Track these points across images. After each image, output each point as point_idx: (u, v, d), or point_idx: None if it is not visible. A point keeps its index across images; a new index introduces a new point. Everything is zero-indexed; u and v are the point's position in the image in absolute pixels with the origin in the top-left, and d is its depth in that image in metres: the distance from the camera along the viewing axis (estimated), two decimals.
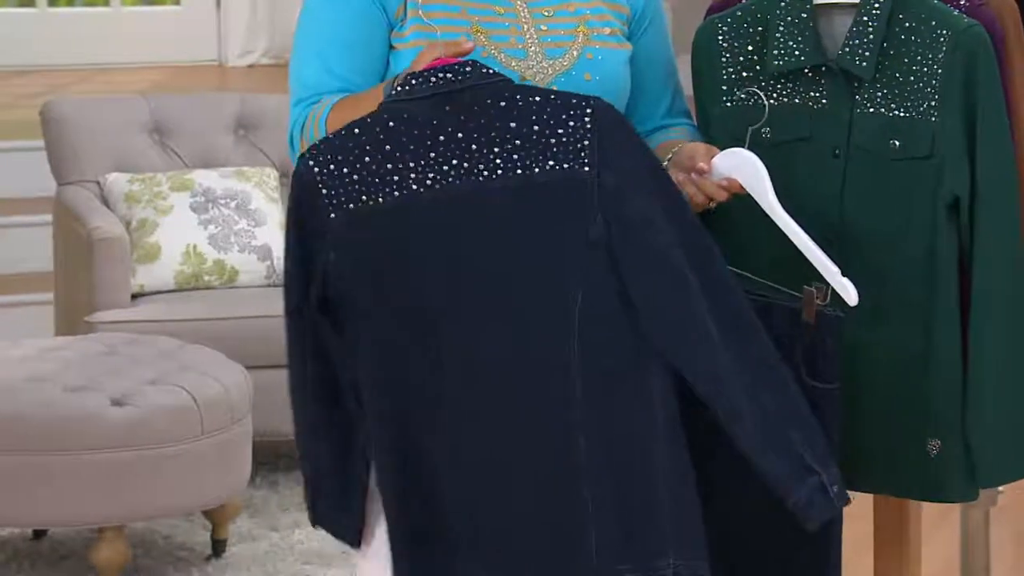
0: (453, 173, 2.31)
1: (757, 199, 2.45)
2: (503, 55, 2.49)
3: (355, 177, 2.30)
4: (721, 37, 2.61)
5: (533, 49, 2.51)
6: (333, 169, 2.30)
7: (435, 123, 2.31)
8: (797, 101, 2.58)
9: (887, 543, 2.88)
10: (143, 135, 5.10)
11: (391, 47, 2.51)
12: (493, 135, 2.31)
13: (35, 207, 5.70)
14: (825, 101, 2.56)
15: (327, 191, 2.30)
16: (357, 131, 2.32)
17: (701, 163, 2.45)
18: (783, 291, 2.45)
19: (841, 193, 2.55)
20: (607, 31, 2.56)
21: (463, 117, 2.31)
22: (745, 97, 2.59)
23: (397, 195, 2.30)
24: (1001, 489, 3.10)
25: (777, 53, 2.56)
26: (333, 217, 2.30)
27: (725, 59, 2.61)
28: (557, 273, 2.29)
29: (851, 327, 2.45)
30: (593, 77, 2.52)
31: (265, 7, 8.10)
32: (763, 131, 2.56)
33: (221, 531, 4.14)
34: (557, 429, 2.28)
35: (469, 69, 2.33)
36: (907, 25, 2.53)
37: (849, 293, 2.42)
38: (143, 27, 8.19)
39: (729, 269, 2.43)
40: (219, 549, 4.14)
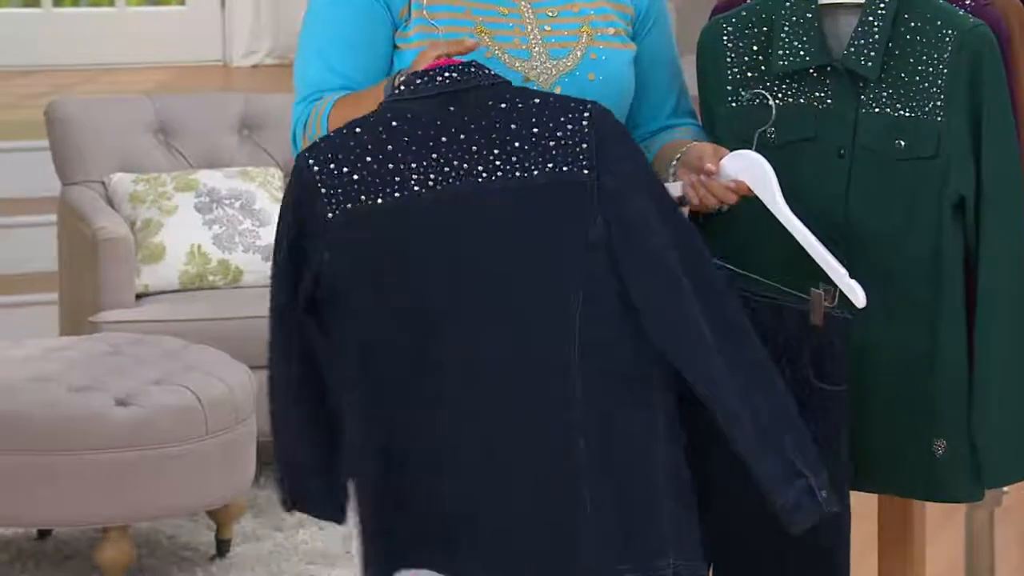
0: (454, 175, 2.30)
1: (765, 201, 2.45)
2: (507, 56, 2.49)
3: (355, 177, 2.29)
4: (726, 37, 2.61)
5: (537, 50, 2.51)
6: (333, 168, 2.29)
7: (439, 124, 2.30)
8: (802, 101, 2.58)
9: (891, 543, 2.88)
10: (148, 135, 5.10)
11: (395, 47, 2.51)
12: (494, 137, 2.30)
13: (40, 207, 5.69)
14: (830, 101, 2.56)
15: (326, 190, 2.29)
16: (359, 130, 2.31)
17: (709, 164, 2.45)
18: (791, 293, 2.45)
19: (846, 193, 2.55)
20: (611, 31, 2.56)
21: (466, 118, 2.31)
22: (751, 98, 2.59)
23: (398, 196, 2.29)
24: (1006, 490, 3.09)
25: (782, 53, 2.56)
26: (331, 217, 2.29)
27: (730, 59, 2.61)
28: (557, 274, 2.29)
29: (856, 327, 2.45)
30: (597, 77, 2.51)
31: (269, 7, 8.10)
32: (768, 131, 2.56)
33: (225, 531, 4.14)
34: (557, 429, 2.28)
35: (473, 69, 2.33)
36: (912, 25, 2.52)
37: (857, 295, 2.42)
38: (148, 27, 8.20)
39: (735, 270, 2.43)
40: (223, 549, 4.14)
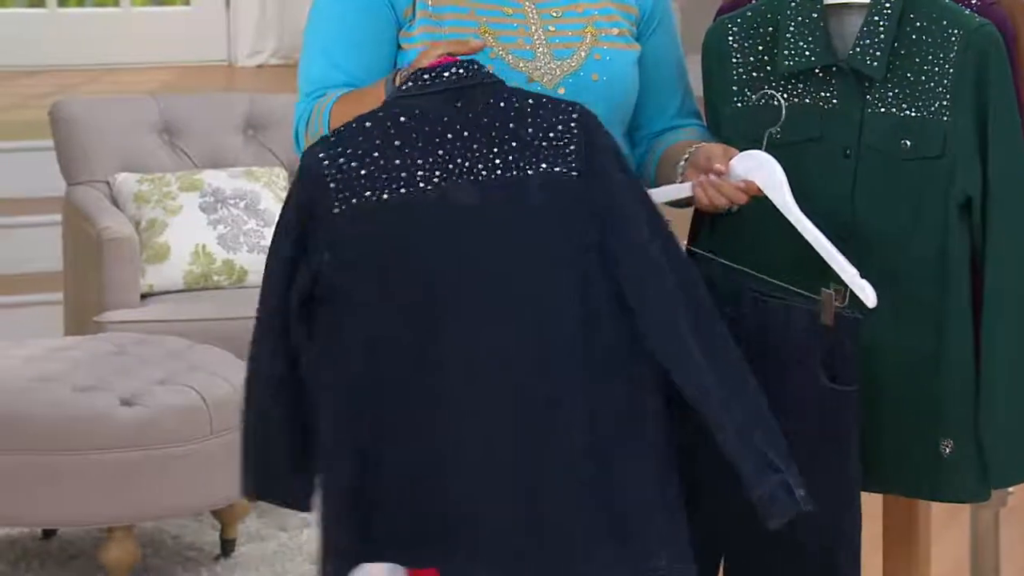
0: (457, 172, 2.30)
1: (774, 201, 2.45)
2: (511, 56, 2.48)
3: (362, 172, 2.29)
4: (731, 38, 2.61)
5: (541, 50, 2.50)
6: (342, 163, 2.28)
7: (445, 120, 2.30)
8: (808, 101, 2.57)
9: (896, 543, 2.88)
10: (152, 135, 5.10)
11: (399, 46, 2.51)
12: (493, 135, 2.31)
13: (44, 207, 5.69)
14: (836, 101, 2.56)
15: (335, 185, 2.28)
16: (368, 124, 2.30)
17: (719, 165, 2.44)
18: (800, 293, 2.44)
19: (852, 193, 2.55)
20: (615, 32, 2.55)
21: (470, 115, 2.31)
22: (758, 98, 2.58)
23: (403, 192, 2.29)
24: (1011, 490, 3.08)
25: (788, 53, 2.55)
26: (337, 212, 2.28)
27: (736, 60, 2.61)
28: (553, 274, 2.30)
29: (863, 327, 2.45)
30: (601, 78, 2.51)
31: (274, 7, 8.10)
32: (774, 131, 2.55)
33: (230, 531, 4.14)
34: (552, 429, 2.28)
35: (476, 67, 2.33)
36: (918, 25, 2.52)
37: (868, 295, 2.42)
38: (152, 27, 8.20)
39: (744, 270, 2.43)
40: (228, 549, 4.14)
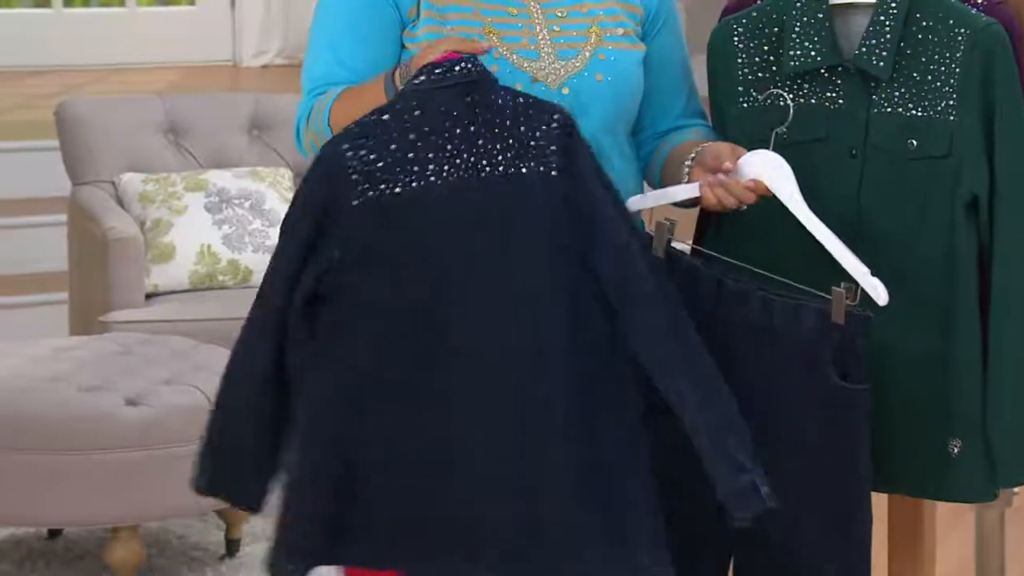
0: (463, 167, 2.31)
1: (783, 200, 2.45)
2: (515, 56, 2.48)
3: (379, 164, 2.30)
4: (737, 38, 2.61)
5: (546, 50, 2.50)
6: (364, 154, 2.29)
7: (455, 115, 2.31)
8: (813, 101, 2.57)
9: (902, 543, 2.88)
10: (158, 135, 5.11)
11: (403, 46, 2.51)
12: (496, 131, 2.32)
13: (50, 207, 5.70)
14: (842, 101, 2.56)
15: (357, 176, 2.29)
16: (386, 116, 2.31)
17: (727, 163, 2.44)
18: (809, 292, 2.44)
19: (858, 193, 2.55)
20: (620, 32, 2.55)
21: (476, 110, 2.32)
22: (764, 98, 2.58)
23: (415, 186, 2.30)
24: (1017, 490, 3.08)
25: (793, 54, 2.55)
26: (356, 204, 2.29)
27: (741, 60, 2.61)
28: (546, 274, 2.31)
29: (872, 331, 2.44)
30: (605, 78, 2.51)
31: (279, 7, 8.11)
32: (780, 132, 2.55)
33: (235, 531, 4.14)
34: (551, 428, 2.29)
35: (481, 64, 2.34)
36: (924, 24, 2.52)
37: (879, 293, 2.41)
38: (158, 27, 8.21)
39: (752, 269, 2.44)
40: (233, 549, 4.14)
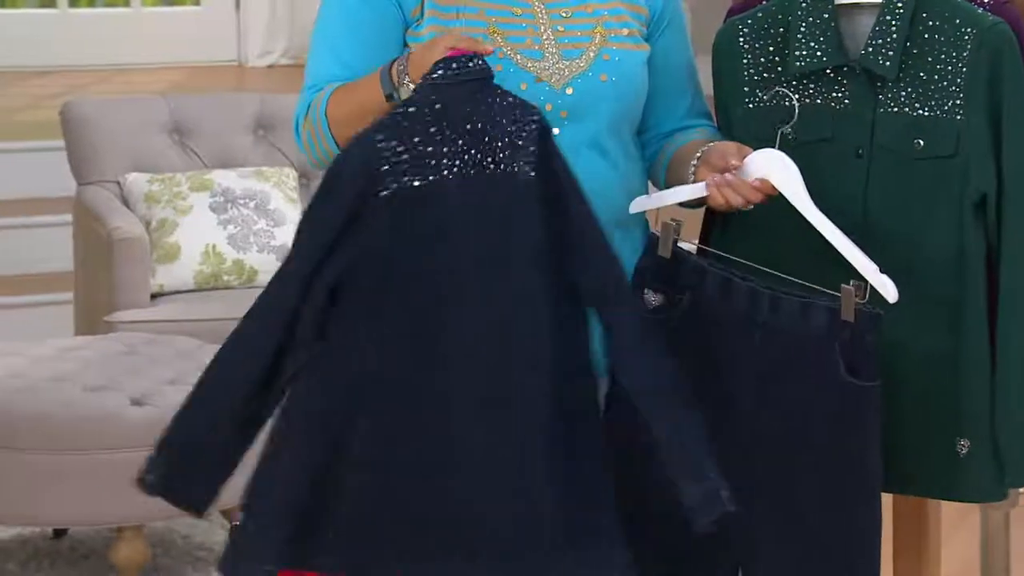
0: (471, 163, 2.32)
1: (790, 199, 2.45)
2: (519, 56, 2.48)
3: (404, 156, 2.31)
4: (742, 39, 2.61)
5: (550, 50, 2.50)
6: (395, 145, 2.31)
7: (468, 111, 2.32)
8: (819, 102, 2.57)
9: (906, 544, 2.88)
10: (163, 135, 5.11)
11: (405, 45, 2.51)
12: (496, 129, 2.33)
13: (55, 207, 5.70)
14: (848, 101, 2.56)
15: (387, 167, 2.31)
16: (412, 109, 2.32)
17: (734, 160, 2.44)
18: (818, 290, 2.44)
19: (864, 193, 2.55)
20: (625, 32, 2.55)
21: (483, 108, 2.33)
22: (769, 98, 2.58)
23: (431, 179, 2.31)
24: (1022, 490, 3.08)
25: (799, 54, 2.55)
26: (383, 195, 2.30)
27: (746, 60, 2.61)
28: (536, 276, 2.32)
29: (882, 328, 2.44)
30: (609, 78, 2.51)
31: (284, 7, 8.11)
32: (786, 132, 2.55)
33: None
34: (542, 428, 2.30)
35: (485, 60, 2.35)
36: (931, 24, 2.52)
37: (888, 290, 2.42)
38: (163, 28, 8.21)
39: (760, 268, 2.44)
40: None
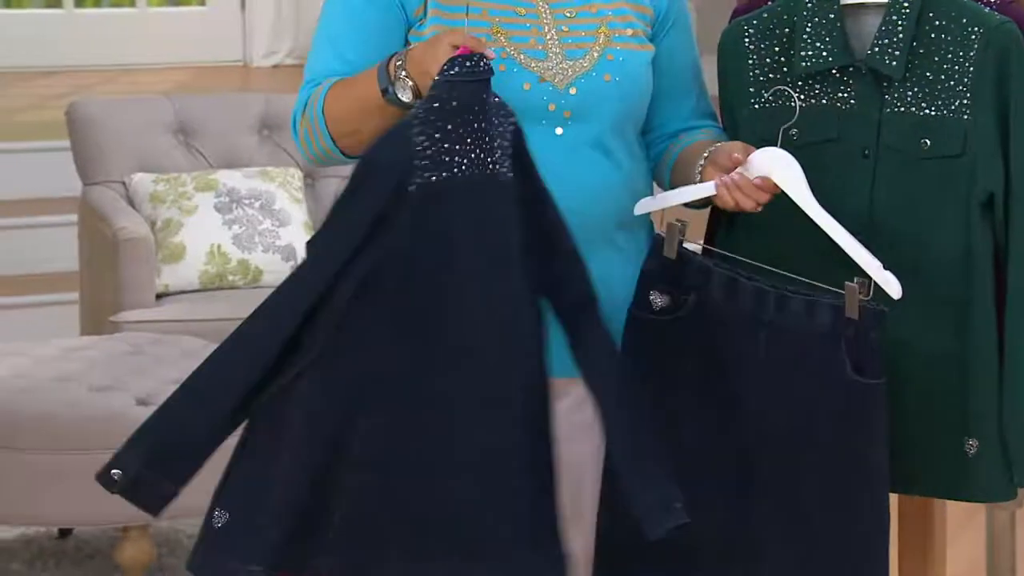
0: (476, 162, 2.33)
1: (793, 197, 2.44)
2: (523, 56, 2.48)
3: (429, 151, 2.32)
4: (747, 39, 2.61)
5: (554, 50, 2.50)
6: (423, 140, 2.31)
7: (476, 109, 2.32)
8: (825, 102, 2.57)
9: (912, 544, 2.87)
10: (168, 135, 5.12)
11: (407, 43, 2.50)
12: (492, 130, 2.33)
13: (61, 207, 5.71)
14: (853, 102, 2.55)
15: (418, 162, 2.31)
16: (436, 105, 2.32)
17: (737, 155, 2.44)
18: (823, 288, 2.44)
19: (871, 193, 2.55)
20: (629, 32, 2.55)
21: (485, 108, 2.33)
22: (773, 98, 2.58)
23: (444, 176, 2.31)
24: None
25: (804, 54, 2.55)
26: (411, 190, 2.31)
27: (752, 61, 2.60)
28: (523, 276, 2.33)
29: (886, 326, 2.44)
30: (613, 78, 2.51)
31: (290, 7, 8.12)
32: (791, 132, 2.55)
33: None
34: (540, 429, 2.32)
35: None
36: (937, 23, 2.52)
37: (892, 287, 2.42)
38: (168, 28, 8.22)
39: (765, 268, 2.44)
40: None
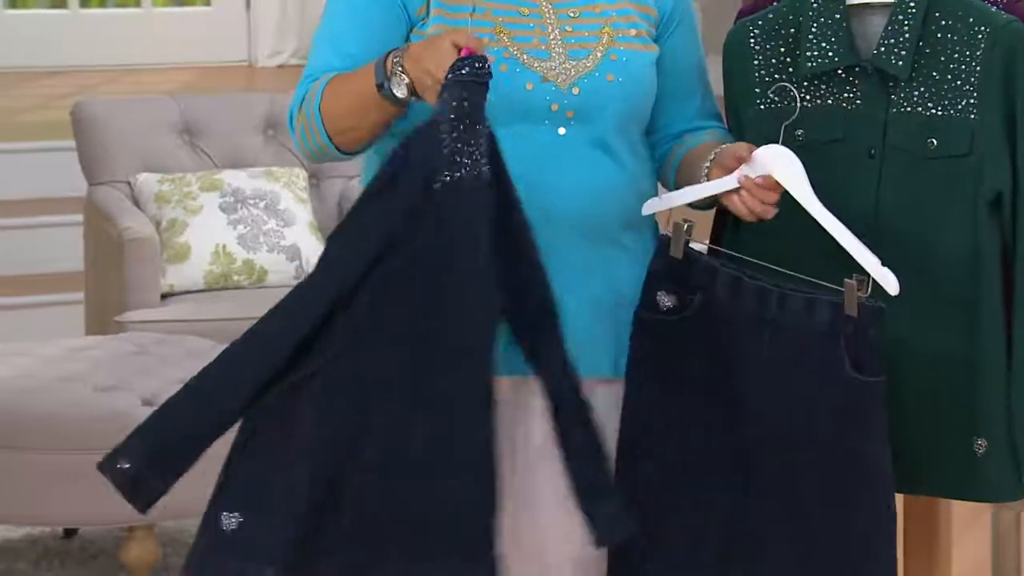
0: (480, 162, 2.33)
1: (793, 194, 2.44)
2: (526, 56, 2.48)
3: (446, 150, 2.32)
4: (753, 40, 2.60)
5: (557, 50, 2.50)
6: (444, 139, 2.32)
7: (480, 110, 2.33)
8: (830, 102, 2.57)
9: (918, 544, 2.87)
10: (173, 135, 5.12)
11: (408, 43, 2.50)
12: (486, 132, 2.34)
13: (66, 207, 5.71)
14: (859, 102, 2.55)
15: (440, 163, 2.32)
16: (455, 103, 2.33)
17: (742, 152, 2.44)
18: (822, 285, 2.44)
19: (877, 193, 2.54)
20: (632, 32, 2.54)
21: (483, 108, 2.33)
22: (778, 98, 2.58)
23: (456, 175, 2.32)
24: None
25: (810, 54, 2.55)
26: (435, 187, 2.32)
27: (757, 61, 2.60)
28: (497, 275, 2.33)
29: (893, 326, 2.44)
30: (616, 79, 2.50)
31: (294, 7, 8.12)
32: (796, 132, 2.54)
33: None
34: (484, 431, 2.32)
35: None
36: (943, 23, 2.52)
37: (889, 283, 2.42)
38: (173, 28, 8.22)
39: (766, 265, 2.45)
40: None
